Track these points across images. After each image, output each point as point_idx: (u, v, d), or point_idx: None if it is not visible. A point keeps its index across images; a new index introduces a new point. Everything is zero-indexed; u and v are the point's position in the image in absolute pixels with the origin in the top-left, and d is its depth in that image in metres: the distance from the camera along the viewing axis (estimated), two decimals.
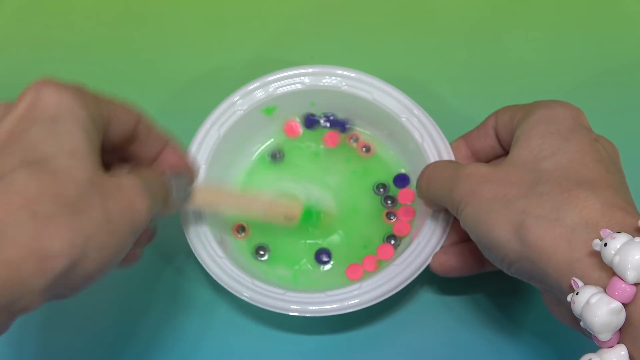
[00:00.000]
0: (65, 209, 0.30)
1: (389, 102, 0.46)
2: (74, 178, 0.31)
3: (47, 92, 0.32)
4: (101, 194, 0.32)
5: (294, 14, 0.56)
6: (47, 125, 0.32)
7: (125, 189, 0.33)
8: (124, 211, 0.33)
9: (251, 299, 0.41)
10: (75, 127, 0.32)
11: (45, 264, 0.29)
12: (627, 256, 0.27)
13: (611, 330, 0.28)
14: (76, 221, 0.30)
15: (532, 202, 0.33)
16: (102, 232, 0.31)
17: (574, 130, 0.36)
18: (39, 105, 0.32)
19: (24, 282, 0.28)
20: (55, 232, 0.29)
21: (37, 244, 0.28)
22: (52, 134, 0.31)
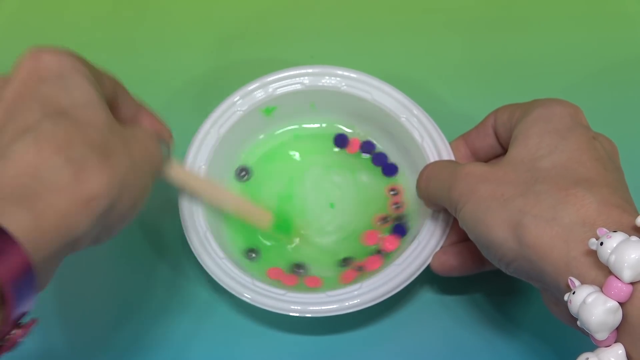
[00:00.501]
0: (95, 152, 0.31)
1: (389, 102, 0.46)
2: (95, 125, 0.32)
3: (46, 55, 0.33)
4: (122, 139, 0.33)
5: (294, 14, 0.56)
6: (56, 82, 0.33)
7: (141, 136, 0.35)
8: (144, 155, 0.35)
9: (252, 300, 0.41)
10: (82, 81, 0.33)
11: (89, 205, 0.30)
12: (623, 255, 0.27)
13: (608, 329, 0.28)
14: (107, 163, 0.31)
15: (530, 201, 0.33)
16: (130, 173, 0.33)
17: (572, 128, 0.36)
18: (42, 66, 0.33)
19: (73, 226, 0.30)
20: (92, 174, 0.30)
21: (78, 187, 0.30)
22: (62, 88, 0.32)
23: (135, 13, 0.56)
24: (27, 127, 0.30)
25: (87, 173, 0.30)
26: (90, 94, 0.33)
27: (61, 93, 0.32)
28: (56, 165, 0.30)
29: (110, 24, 0.56)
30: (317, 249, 0.46)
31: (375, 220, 0.46)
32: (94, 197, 0.30)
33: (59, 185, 0.29)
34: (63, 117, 0.31)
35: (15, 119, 0.31)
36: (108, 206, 0.31)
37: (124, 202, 0.32)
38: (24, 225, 0.28)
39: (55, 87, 0.32)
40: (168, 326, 0.44)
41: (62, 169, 0.30)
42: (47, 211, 0.29)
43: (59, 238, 0.29)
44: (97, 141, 0.31)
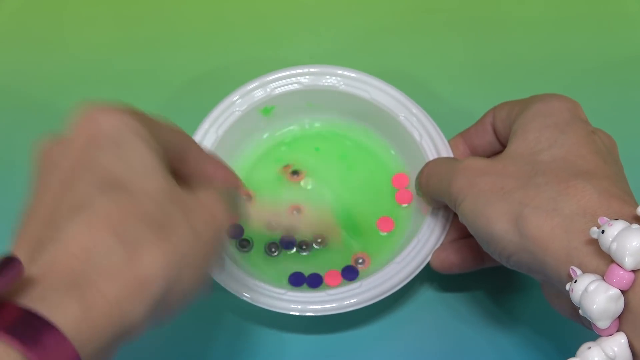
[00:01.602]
0: (151, 229, 0.28)
1: (387, 101, 0.46)
2: (152, 196, 0.30)
3: (104, 117, 0.31)
4: (183, 209, 0.30)
5: (294, 13, 0.56)
6: (114, 149, 0.30)
7: (204, 201, 0.32)
8: (208, 223, 0.31)
9: (252, 299, 0.41)
10: (141, 146, 0.31)
11: (143, 289, 0.28)
12: (625, 243, 0.27)
13: (610, 317, 0.28)
14: (164, 240, 0.29)
15: (530, 193, 0.33)
16: (191, 247, 0.30)
17: (571, 122, 0.36)
18: (98, 130, 0.30)
19: (125, 315, 0.27)
20: (147, 254, 0.28)
21: (132, 271, 0.27)
22: (119, 157, 0.30)
23: (135, 13, 0.57)
24: (81, 203, 0.28)
25: (141, 253, 0.28)
26: (148, 161, 0.31)
27: (118, 162, 0.30)
28: (108, 247, 0.27)
29: (110, 24, 0.56)
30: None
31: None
32: (148, 279, 0.28)
33: (111, 269, 0.27)
34: (117, 191, 0.29)
35: (70, 192, 0.29)
36: (165, 288, 0.28)
37: (184, 280, 0.29)
38: (72, 318, 0.25)
39: (112, 156, 0.30)
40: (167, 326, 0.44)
41: (115, 250, 0.27)
42: (98, 300, 0.26)
43: (110, 328, 0.27)
44: (153, 215, 0.29)
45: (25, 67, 0.54)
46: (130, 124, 0.31)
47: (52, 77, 0.53)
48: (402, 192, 0.47)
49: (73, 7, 0.57)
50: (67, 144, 0.31)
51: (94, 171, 0.29)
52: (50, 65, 0.54)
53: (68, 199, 0.29)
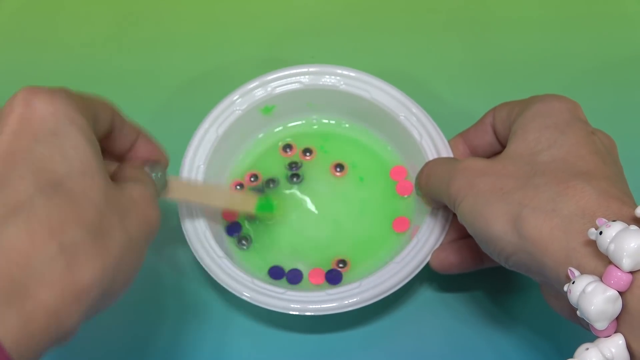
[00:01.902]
0: (90, 236, 0.29)
1: (387, 101, 0.46)
2: (91, 199, 0.30)
3: (40, 102, 0.30)
4: (119, 212, 0.31)
5: (295, 13, 0.56)
6: (51, 141, 0.30)
7: (138, 202, 0.33)
8: (142, 225, 0.32)
9: (251, 299, 0.41)
10: (79, 139, 0.30)
11: (80, 297, 0.28)
12: (622, 244, 0.27)
13: (607, 318, 0.28)
14: (102, 246, 0.29)
15: (529, 194, 0.33)
16: (125, 252, 0.30)
17: (571, 123, 0.36)
18: (35, 117, 0.30)
19: (62, 323, 0.27)
20: (85, 262, 0.28)
21: (71, 281, 0.27)
22: (58, 150, 0.30)
23: (135, 13, 0.57)
24: (18, 203, 0.28)
25: (80, 261, 0.28)
26: (86, 157, 0.30)
27: (56, 157, 0.29)
28: (49, 254, 0.27)
29: (109, 24, 0.56)
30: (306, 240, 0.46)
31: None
32: (86, 288, 0.28)
33: (50, 278, 0.27)
34: (58, 192, 0.29)
35: (6, 189, 0.28)
36: (101, 294, 0.29)
37: (118, 283, 0.30)
38: (11, 330, 0.26)
39: (50, 149, 0.29)
40: (167, 325, 0.44)
41: (55, 258, 0.27)
42: (37, 311, 0.26)
43: (47, 338, 0.27)
44: (92, 219, 0.29)
45: (24, 67, 0.54)
46: (66, 110, 0.31)
47: (51, 77, 0.53)
48: (402, 183, 0.47)
49: (72, 7, 0.57)
50: (4, 138, 0.30)
51: (31, 165, 0.29)
52: (49, 65, 0.54)
53: (4, 197, 0.28)
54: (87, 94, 0.34)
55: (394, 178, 0.47)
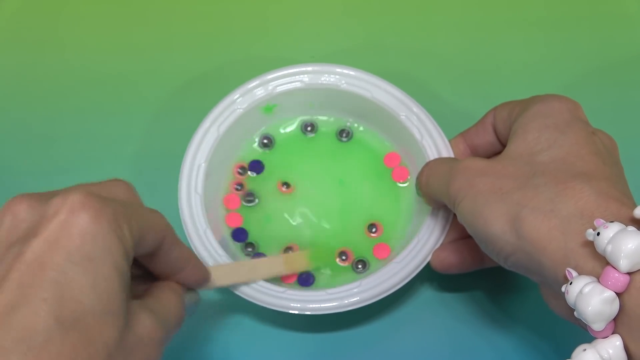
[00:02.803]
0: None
1: (388, 100, 0.46)
2: (105, 342, 0.28)
3: (86, 216, 0.29)
4: (124, 354, 0.29)
5: (295, 13, 0.56)
6: (85, 266, 0.28)
7: (144, 342, 0.31)
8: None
9: (251, 297, 0.41)
10: (112, 272, 0.29)
11: None
12: (620, 245, 0.27)
13: (605, 319, 0.28)
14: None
15: (528, 194, 0.33)
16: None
17: (571, 123, 0.36)
18: (76, 232, 0.29)
19: None
20: None
21: None
22: (89, 279, 0.28)
23: (135, 12, 0.57)
24: (34, 332, 0.26)
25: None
26: (114, 294, 0.29)
27: (85, 286, 0.28)
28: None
29: (109, 24, 0.56)
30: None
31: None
32: None
33: None
34: (75, 329, 0.27)
35: (25, 308, 0.27)
36: None
37: None
38: None
39: (82, 275, 0.28)
40: None
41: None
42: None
43: None
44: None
45: (24, 68, 0.54)
46: (108, 235, 0.29)
47: (51, 77, 0.54)
48: (397, 169, 0.47)
49: (72, 8, 0.57)
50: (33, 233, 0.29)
51: (58, 288, 0.27)
52: (49, 65, 0.54)
53: (20, 318, 0.27)
54: (142, 208, 0.32)
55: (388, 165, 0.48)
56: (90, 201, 0.29)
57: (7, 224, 0.30)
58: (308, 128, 0.48)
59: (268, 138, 0.48)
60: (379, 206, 0.46)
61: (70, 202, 0.29)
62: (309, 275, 0.44)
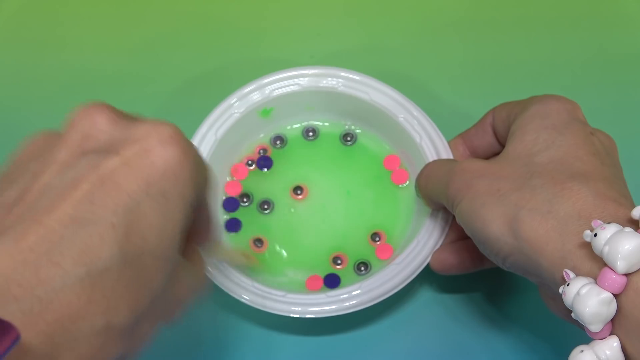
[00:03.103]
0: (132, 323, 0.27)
1: (386, 102, 0.46)
2: (154, 287, 0.27)
3: (171, 153, 0.27)
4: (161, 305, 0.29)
5: (294, 14, 0.56)
6: (160, 202, 0.27)
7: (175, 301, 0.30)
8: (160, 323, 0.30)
9: (251, 302, 0.41)
10: (180, 218, 0.28)
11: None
12: (617, 246, 0.27)
13: (602, 321, 0.28)
14: (132, 336, 0.27)
15: (525, 195, 0.33)
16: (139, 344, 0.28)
17: (569, 124, 0.36)
18: (159, 164, 0.27)
19: None
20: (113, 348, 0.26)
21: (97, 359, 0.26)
22: (160, 217, 0.27)
23: (134, 14, 0.57)
24: (96, 257, 0.25)
25: (111, 346, 0.26)
26: (175, 239, 0.28)
27: (155, 224, 0.26)
28: (95, 327, 0.25)
29: (108, 25, 0.56)
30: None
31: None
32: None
33: (83, 352, 0.25)
34: (133, 266, 0.26)
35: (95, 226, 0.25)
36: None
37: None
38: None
39: (155, 212, 0.26)
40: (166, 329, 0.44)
41: (98, 335, 0.25)
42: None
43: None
44: (143, 308, 0.27)
45: (24, 67, 0.54)
46: (188, 176, 0.28)
47: (50, 77, 0.54)
48: (397, 172, 0.47)
49: (72, 8, 0.57)
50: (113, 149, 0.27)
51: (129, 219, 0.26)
52: (49, 65, 0.54)
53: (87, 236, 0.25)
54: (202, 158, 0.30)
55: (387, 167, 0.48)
56: (181, 138, 0.27)
57: (84, 129, 0.28)
58: (309, 133, 0.48)
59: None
60: (380, 210, 0.46)
61: (161, 131, 0.27)
62: (334, 276, 0.44)
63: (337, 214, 0.46)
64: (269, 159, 0.48)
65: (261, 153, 0.48)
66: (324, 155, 0.48)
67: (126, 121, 0.28)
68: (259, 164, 0.48)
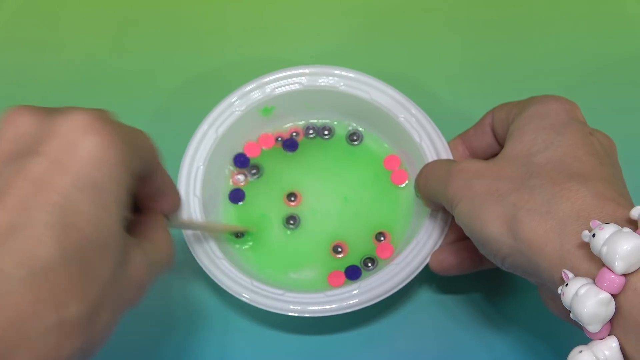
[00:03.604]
0: (87, 314, 0.27)
1: (387, 102, 0.46)
2: (102, 277, 0.27)
3: (93, 140, 0.27)
4: (116, 292, 0.29)
5: (293, 13, 0.56)
6: (91, 194, 0.27)
7: (134, 283, 0.30)
8: (125, 306, 0.30)
9: (251, 300, 0.41)
10: (115, 203, 0.28)
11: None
12: (615, 246, 0.27)
13: (600, 321, 0.28)
14: (91, 327, 0.27)
15: (524, 196, 0.33)
16: (105, 331, 0.29)
17: (567, 124, 0.36)
18: (82, 156, 0.27)
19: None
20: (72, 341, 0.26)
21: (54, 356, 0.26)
22: (94, 208, 0.27)
23: (133, 14, 0.57)
24: (35, 258, 0.25)
25: (68, 340, 0.26)
26: (115, 227, 0.28)
27: (90, 216, 0.26)
28: (46, 325, 0.25)
29: (108, 25, 0.56)
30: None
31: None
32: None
33: (37, 350, 0.25)
34: (75, 260, 0.26)
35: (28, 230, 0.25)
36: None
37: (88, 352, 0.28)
38: None
39: (88, 204, 0.26)
40: (166, 326, 0.44)
41: (50, 332, 0.25)
42: None
43: None
44: (94, 298, 0.27)
45: (24, 68, 0.54)
46: (116, 164, 0.28)
47: (50, 77, 0.54)
48: (397, 172, 0.47)
49: (71, 8, 0.57)
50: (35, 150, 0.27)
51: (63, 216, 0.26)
52: (49, 65, 0.54)
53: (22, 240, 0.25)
54: (135, 132, 0.30)
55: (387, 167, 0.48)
56: (101, 124, 0.27)
57: (6, 136, 0.28)
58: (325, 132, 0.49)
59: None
60: (381, 211, 0.47)
61: (80, 121, 0.27)
62: (356, 268, 0.45)
63: (336, 213, 0.47)
64: (295, 143, 0.48)
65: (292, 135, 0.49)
66: (325, 155, 0.48)
67: (48, 118, 0.28)
68: (285, 145, 0.48)
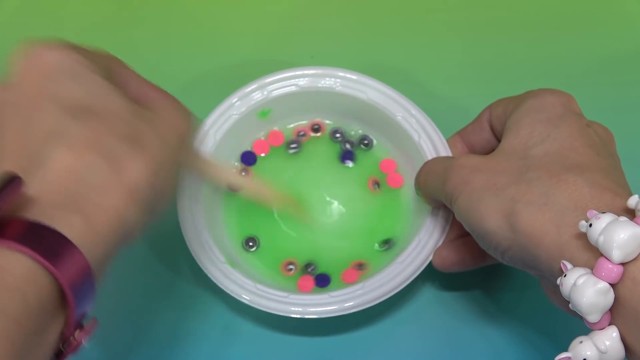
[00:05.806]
0: (127, 143, 0.31)
1: (384, 101, 0.46)
2: (119, 115, 0.32)
3: (48, 54, 0.32)
4: (147, 122, 0.33)
5: (294, 13, 0.56)
6: (63, 78, 0.32)
7: (162, 112, 0.35)
8: (172, 131, 0.34)
9: (253, 302, 0.41)
10: (88, 72, 0.33)
11: (133, 195, 0.31)
12: (612, 236, 0.27)
13: (600, 311, 0.28)
14: (139, 149, 0.31)
15: (522, 188, 0.33)
16: (163, 154, 0.33)
17: (564, 116, 0.36)
18: (42, 63, 0.32)
19: (124, 220, 0.30)
20: (130, 165, 0.31)
21: (118, 181, 0.30)
22: (72, 83, 0.32)
23: (133, 15, 0.57)
24: (52, 130, 0.30)
25: (124, 165, 0.31)
26: (102, 84, 0.33)
27: (73, 88, 0.32)
28: (94, 164, 0.30)
29: (109, 25, 0.56)
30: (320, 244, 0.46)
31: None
32: (135, 186, 0.31)
33: (100, 183, 0.30)
34: (85, 115, 0.31)
35: (34, 123, 0.31)
36: (151, 192, 0.32)
37: (162, 183, 0.33)
38: (78, 229, 0.28)
39: (65, 83, 0.32)
40: (168, 328, 0.44)
41: (100, 166, 0.30)
42: (97, 211, 0.29)
43: (112, 235, 0.30)
44: (125, 131, 0.31)
45: None
46: (74, 57, 0.33)
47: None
48: (392, 175, 0.47)
49: (72, 8, 0.57)
50: (18, 85, 0.32)
51: (57, 101, 0.31)
52: None
53: (36, 129, 0.30)
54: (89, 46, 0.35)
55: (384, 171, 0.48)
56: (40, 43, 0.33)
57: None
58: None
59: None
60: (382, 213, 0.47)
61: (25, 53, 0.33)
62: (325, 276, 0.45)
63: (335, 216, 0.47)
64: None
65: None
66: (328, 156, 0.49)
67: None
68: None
